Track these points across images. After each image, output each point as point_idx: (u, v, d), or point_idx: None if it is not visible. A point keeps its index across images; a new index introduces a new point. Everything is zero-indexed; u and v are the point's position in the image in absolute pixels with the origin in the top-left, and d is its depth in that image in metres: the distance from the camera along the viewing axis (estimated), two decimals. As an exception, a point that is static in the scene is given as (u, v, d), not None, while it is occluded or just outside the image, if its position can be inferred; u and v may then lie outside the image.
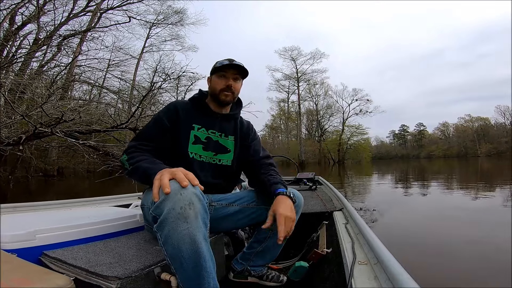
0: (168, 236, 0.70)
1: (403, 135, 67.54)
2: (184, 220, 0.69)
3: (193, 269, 0.70)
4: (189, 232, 0.69)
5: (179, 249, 0.69)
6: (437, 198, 4.93)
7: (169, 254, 0.71)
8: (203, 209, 0.74)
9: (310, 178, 2.87)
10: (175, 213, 0.69)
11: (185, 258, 0.69)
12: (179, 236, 0.69)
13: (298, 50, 35.80)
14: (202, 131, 1.11)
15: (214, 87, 1.12)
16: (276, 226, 0.90)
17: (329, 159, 37.91)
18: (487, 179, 8.24)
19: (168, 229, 0.69)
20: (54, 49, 10.17)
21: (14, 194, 6.57)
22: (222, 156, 1.15)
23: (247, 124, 1.29)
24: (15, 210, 1.49)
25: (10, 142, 4.47)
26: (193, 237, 0.69)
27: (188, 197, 0.71)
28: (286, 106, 40.89)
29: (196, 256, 0.70)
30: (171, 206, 0.69)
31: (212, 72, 1.15)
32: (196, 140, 1.09)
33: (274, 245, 1.10)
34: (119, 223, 1.17)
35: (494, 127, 51.21)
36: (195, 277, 0.71)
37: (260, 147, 1.26)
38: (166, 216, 0.70)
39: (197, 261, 0.70)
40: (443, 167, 16.76)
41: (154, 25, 19.68)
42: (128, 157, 0.95)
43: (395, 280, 0.59)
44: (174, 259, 0.71)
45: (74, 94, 12.63)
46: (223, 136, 1.16)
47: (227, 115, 1.18)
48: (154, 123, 1.08)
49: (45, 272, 0.69)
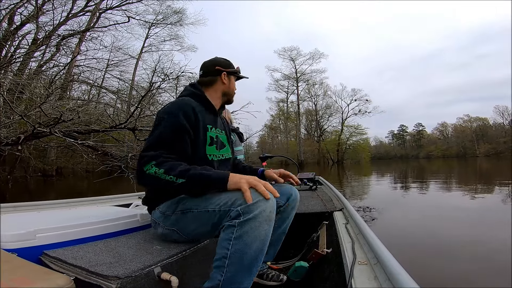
0: (246, 232, 0.77)
1: (402, 135, 67.64)
2: (268, 222, 0.80)
3: (249, 264, 0.78)
4: (266, 233, 0.80)
5: (250, 246, 0.77)
6: (436, 198, 4.94)
7: (235, 249, 0.77)
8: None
9: (310, 178, 2.87)
10: (265, 215, 0.79)
11: (250, 254, 0.77)
12: (257, 234, 0.78)
13: (297, 50, 35.91)
14: (213, 130, 1.12)
15: (232, 88, 1.21)
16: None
17: (328, 159, 37.96)
18: (486, 179, 8.27)
19: (250, 226, 0.78)
20: (53, 49, 10.15)
21: (13, 194, 6.55)
22: (223, 151, 1.18)
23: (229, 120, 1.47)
24: (15, 209, 1.48)
25: (8, 142, 4.46)
26: (266, 238, 0.80)
27: (273, 204, 0.83)
28: (285, 106, 40.96)
29: (260, 254, 0.80)
30: (263, 208, 0.79)
31: (230, 72, 1.19)
32: (211, 141, 1.10)
33: (275, 240, 1.12)
34: (119, 222, 1.17)
35: (493, 127, 51.36)
36: (245, 269, 0.78)
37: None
38: (256, 215, 0.78)
39: (257, 258, 0.79)
40: (442, 167, 16.80)
41: (153, 25, 19.68)
42: (166, 168, 0.86)
43: (395, 280, 0.59)
44: (237, 254, 0.77)
45: (73, 94, 12.62)
46: (221, 132, 1.20)
47: (219, 111, 1.23)
48: (175, 127, 0.97)
49: (45, 272, 0.69)
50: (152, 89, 6.49)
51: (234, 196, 0.82)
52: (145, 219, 1.25)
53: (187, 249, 0.96)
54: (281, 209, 1.13)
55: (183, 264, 0.92)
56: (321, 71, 36.87)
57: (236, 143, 2.26)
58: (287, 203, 1.13)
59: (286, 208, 1.13)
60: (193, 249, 0.98)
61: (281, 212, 1.13)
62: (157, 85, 7.19)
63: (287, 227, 1.16)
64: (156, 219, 1.03)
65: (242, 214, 0.78)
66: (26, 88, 5.54)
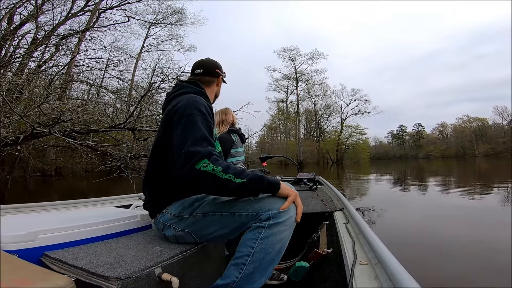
0: (273, 234, 0.83)
1: (401, 135, 67.73)
2: (291, 228, 0.88)
3: (268, 263, 0.83)
4: (288, 237, 0.87)
5: (273, 247, 0.83)
6: (436, 198, 4.95)
7: (260, 248, 0.82)
8: None
9: (310, 178, 2.87)
10: (291, 221, 0.87)
11: (272, 254, 0.83)
12: (282, 237, 0.84)
13: (297, 50, 35.95)
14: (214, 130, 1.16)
15: (219, 92, 1.24)
16: None
17: (328, 159, 37.99)
18: (485, 180, 8.28)
19: (278, 229, 0.84)
20: (52, 49, 10.13)
21: (12, 194, 6.54)
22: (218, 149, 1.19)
23: None
24: (15, 211, 1.48)
25: (8, 142, 4.45)
26: (286, 242, 0.87)
27: (296, 213, 0.90)
28: (285, 106, 40.99)
29: (278, 255, 0.85)
30: (291, 215, 0.87)
31: (218, 75, 1.21)
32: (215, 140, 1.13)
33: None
34: (120, 223, 1.17)
35: (492, 127, 51.45)
36: (263, 269, 0.83)
37: None
38: (285, 220, 0.85)
39: (276, 259, 0.85)
40: (441, 168, 16.83)
41: (153, 25, 19.66)
42: (223, 167, 0.86)
43: (396, 280, 0.59)
44: (260, 253, 0.82)
45: (73, 93, 12.61)
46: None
47: None
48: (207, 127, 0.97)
49: (46, 273, 0.69)
50: (152, 89, 6.48)
51: (269, 202, 0.89)
52: (146, 220, 1.25)
53: (188, 250, 0.96)
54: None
55: (184, 265, 0.92)
56: (320, 71, 36.97)
57: (238, 144, 2.25)
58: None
59: None
60: (194, 249, 0.98)
61: None
62: (157, 85, 7.18)
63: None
64: (166, 221, 1.01)
65: (272, 217, 0.85)
66: (25, 88, 5.54)
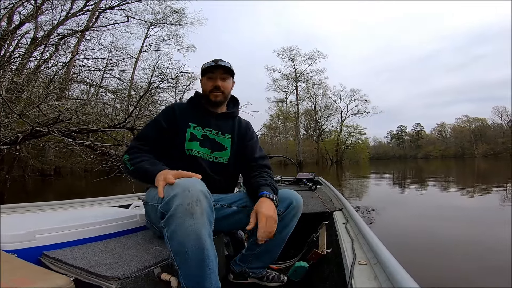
0: (174, 231, 0.73)
1: (401, 135, 67.79)
2: (191, 216, 0.72)
3: (197, 266, 0.72)
4: (195, 228, 0.72)
5: (184, 245, 0.72)
6: (435, 198, 4.96)
7: (174, 250, 0.74)
8: (209, 207, 0.78)
9: (310, 178, 2.88)
10: (183, 209, 0.72)
11: (189, 254, 0.72)
12: (185, 232, 0.72)
13: (297, 50, 35.87)
14: (198, 129, 1.14)
15: (204, 89, 1.17)
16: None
17: (327, 159, 37.99)
18: (484, 180, 8.30)
19: (175, 224, 0.73)
20: (51, 49, 10.11)
21: (11, 194, 6.52)
22: (218, 153, 1.16)
23: (246, 124, 1.30)
24: (15, 210, 1.48)
25: (7, 142, 4.44)
26: (198, 233, 0.72)
27: (196, 194, 0.75)
28: (285, 106, 40.96)
29: (200, 253, 0.72)
30: (179, 202, 0.73)
31: (201, 74, 1.18)
32: (192, 137, 1.12)
33: (273, 247, 1.10)
34: (119, 223, 1.17)
35: (491, 128, 51.53)
36: (198, 274, 0.72)
37: (257, 147, 1.25)
38: (174, 211, 0.73)
39: (201, 258, 0.72)
40: (441, 168, 16.86)
41: (153, 25, 19.62)
42: (130, 157, 0.99)
43: (395, 280, 0.59)
44: (179, 255, 0.73)
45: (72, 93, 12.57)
46: (219, 134, 1.18)
47: (223, 114, 1.21)
48: (153, 124, 1.13)
49: (45, 273, 0.69)
50: (151, 88, 6.47)
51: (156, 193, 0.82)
52: (145, 220, 1.25)
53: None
54: (279, 217, 1.02)
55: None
56: (320, 71, 36.87)
57: None
58: (286, 211, 1.06)
59: (285, 217, 1.05)
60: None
61: (279, 220, 1.03)
62: (156, 85, 7.17)
63: (287, 235, 1.09)
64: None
65: (165, 212, 0.76)
66: (24, 88, 5.53)
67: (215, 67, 1.13)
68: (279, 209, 1.04)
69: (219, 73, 1.14)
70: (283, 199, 1.07)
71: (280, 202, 1.05)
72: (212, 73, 1.14)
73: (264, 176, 1.11)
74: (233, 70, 1.17)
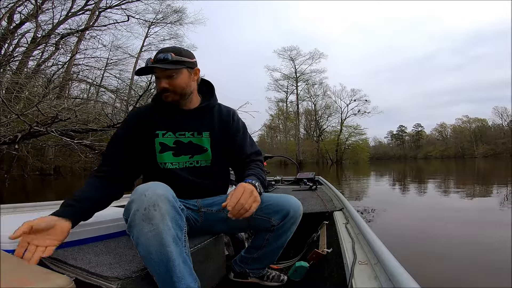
0: (137, 237, 0.71)
1: (401, 135, 67.79)
2: (149, 221, 0.69)
3: (165, 272, 0.70)
4: (155, 234, 0.69)
5: (149, 252, 0.69)
6: (436, 198, 4.95)
7: (141, 256, 0.72)
8: (173, 210, 0.74)
9: (310, 178, 2.88)
10: (140, 215, 0.70)
11: (156, 261, 0.69)
12: (146, 238, 0.69)
13: (297, 50, 36.01)
14: (168, 135, 1.00)
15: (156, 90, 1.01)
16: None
17: (327, 159, 38.04)
18: (484, 180, 8.30)
19: (136, 230, 0.71)
20: (51, 48, 10.11)
21: (10, 193, 6.52)
22: (199, 157, 1.04)
23: (228, 113, 1.10)
24: (15, 210, 1.48)
25: (6, 141, 4.44)
26: (159, 239, 0.69)
27: (153, 199, 0.71)
28: (285, 106, 41.01)
29: (165, 259, 0.69)
30: (136, 208, 0.71)
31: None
32: (163, 148, 0.99)
33: (272, 251, 1.08)
34: (120, 223, 1.16)
35: (492, 128, 51.56)
36: (169, 281, 0.70)
37: (246, 141, 1.11)
38: (132, 217, 0.71)
39: (167, 265, 0.69)
40: (440, 168, 16.87)
41: (153, 24, 19.61)
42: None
43: (395, 280, 0.59)
44: (146, 261, 0.72)
45: (72, 93, 12.58)
46: (196, 135, 1.03)
47: (195, 110, 1.04)
48: (113, 140, 1.00)
49: (45, 272, 0.69)
50: (151, 88, 6.48)
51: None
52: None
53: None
54: (274, 228, 1.00)
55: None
56: (320, 71, 37.03)
57: None
58: (283, 222, 0.99)
59: (281, 227, 1.00)
60: (193, 249, 0.98)
61: (275, 230, 1.01)
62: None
63: (285, 241, 1.05)
64: None
65: (127, 219, 0.75)
66: (24, 87, 5.53)
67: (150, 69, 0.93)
68: (273, 220, 0.99)
69: (161, 71, 0.93)
70: (279, 209, 0.99)
71: (275, 213, 0.99)
72: (155, 72, 0.94)
73: (252, 168, 1.02)
74: (181, 61, 0.94)
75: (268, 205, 0.99)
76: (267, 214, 1.00)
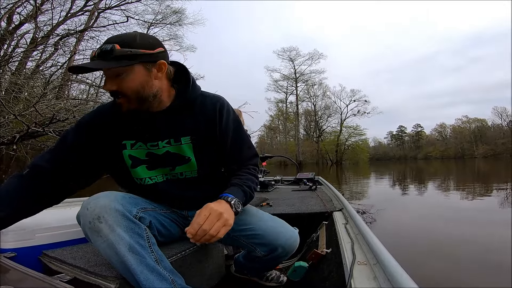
0: (97, 247, 0.70)
1: (400, 136, 67.81)
2: (97, 234, 0.66)
3: (133, 280, 0.67)
4: (107, 245, 0.66)
5: (110, 260, 0.69)
6: (435, 199, 4.96)
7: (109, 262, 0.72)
8: (124, 219, 0.68)
9: (310, 178, 2.88)
10: (87, 228, 0.68)
11: (120, 268, 0.69)
12: (102, 249, 0.68)
13: (297, 51, 35.99)
14: (138, 146, 0.80)
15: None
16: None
17: (327, 159, 38.03)
18: (484, 181, 8.31)
19: (92, 242, 0.69)
20: (51, 49, 10.11)
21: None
22: (182, 168, 0.83)
23: (213, 106, 0.83)
24: None
25: (4, 142, 4.44)
26: (113, 249, 0.66)
27: (96, 211, 0.66)
28: (284, 107, 41.02)
29: (126, 267, 0.66)
30: (83, 222, 0.69)
31: None
32: (135, 162, 0.80)
33: (266, 267, 1.07)
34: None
35: (491, 128, 51.59)
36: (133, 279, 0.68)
37: (238, 145, 0.87)
38: (84, 231, 0.70)
39: (127, 275, 0.68)
40: (440, 169, 16.88)
41: (152, 25, 19.57)
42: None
43: (394, 281, 0.59)
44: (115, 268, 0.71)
45: (71, 93, 12.57)
46: (173, 143, 0.80)
47: (168, 110, 0.79)
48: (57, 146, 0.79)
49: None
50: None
51: None
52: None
53: (187, 249, 0.96)
54: (261, 257, 0.90)
55: (183, 265, 0.92)
56: (320, 72, 37.00)
57: None
58: (269, 256, 0.88)
59: (270, 258, 0.90)
60: (193, 249, 0.98)
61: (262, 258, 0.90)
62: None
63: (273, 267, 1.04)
64: None
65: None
66: (23, 88, 5.52)
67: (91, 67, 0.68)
68: (260, 251, 0.87)
69: (107, 69, 0.70)
70: (265, 242, 0.85)
71: (261, 245, 0.86)
72: (104, 72, 0.72)
73: (239, 175, 0.84)
74: (131, 54, 0.67)
75: (253, 235, 0.86)
76: (251, 243, 0.88)
